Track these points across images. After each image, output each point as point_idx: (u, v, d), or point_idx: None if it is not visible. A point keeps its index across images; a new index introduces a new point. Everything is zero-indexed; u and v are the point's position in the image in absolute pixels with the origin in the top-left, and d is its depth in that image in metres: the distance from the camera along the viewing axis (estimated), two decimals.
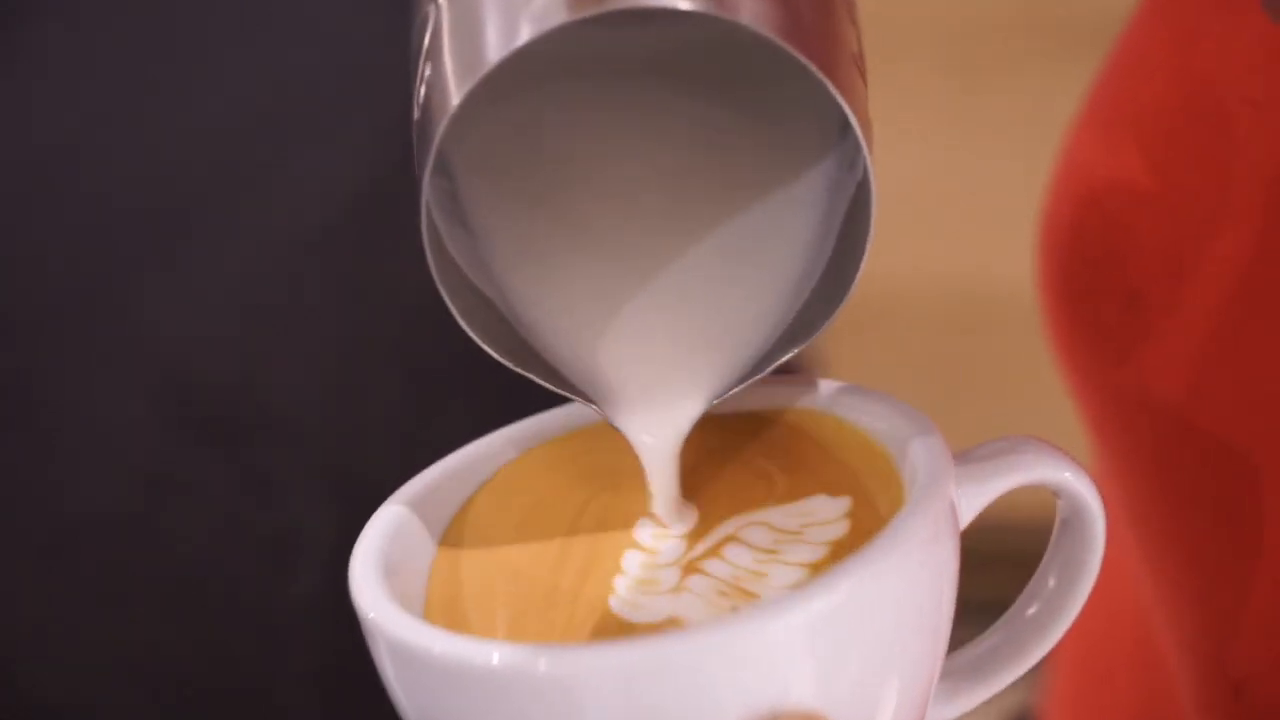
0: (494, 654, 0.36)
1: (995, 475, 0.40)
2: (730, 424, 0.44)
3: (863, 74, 0.38)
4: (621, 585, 0.40)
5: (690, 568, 0.40)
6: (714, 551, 0.41)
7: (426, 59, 0.38)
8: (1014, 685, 0.44)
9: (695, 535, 0.41)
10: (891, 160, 1.60)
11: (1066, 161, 0.56)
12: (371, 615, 0.38)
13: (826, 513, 0.40)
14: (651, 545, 0.41)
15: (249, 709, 0.72)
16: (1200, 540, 0.50)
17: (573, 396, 0.42)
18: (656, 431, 0.41)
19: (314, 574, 0.74)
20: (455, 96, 0.36)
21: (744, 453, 0.43)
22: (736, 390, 0.42)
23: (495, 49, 0.36)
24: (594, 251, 0.42)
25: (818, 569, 0.39)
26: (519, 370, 0.41)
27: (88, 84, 0.83)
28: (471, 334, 0.40)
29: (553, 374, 0.42)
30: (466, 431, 0.47)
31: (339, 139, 0.85)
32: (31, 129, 0.85)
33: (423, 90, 0.38)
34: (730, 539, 0.41)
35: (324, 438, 0.74)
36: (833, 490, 0.41)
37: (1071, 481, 0.40)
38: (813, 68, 0.35)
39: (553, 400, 0.44)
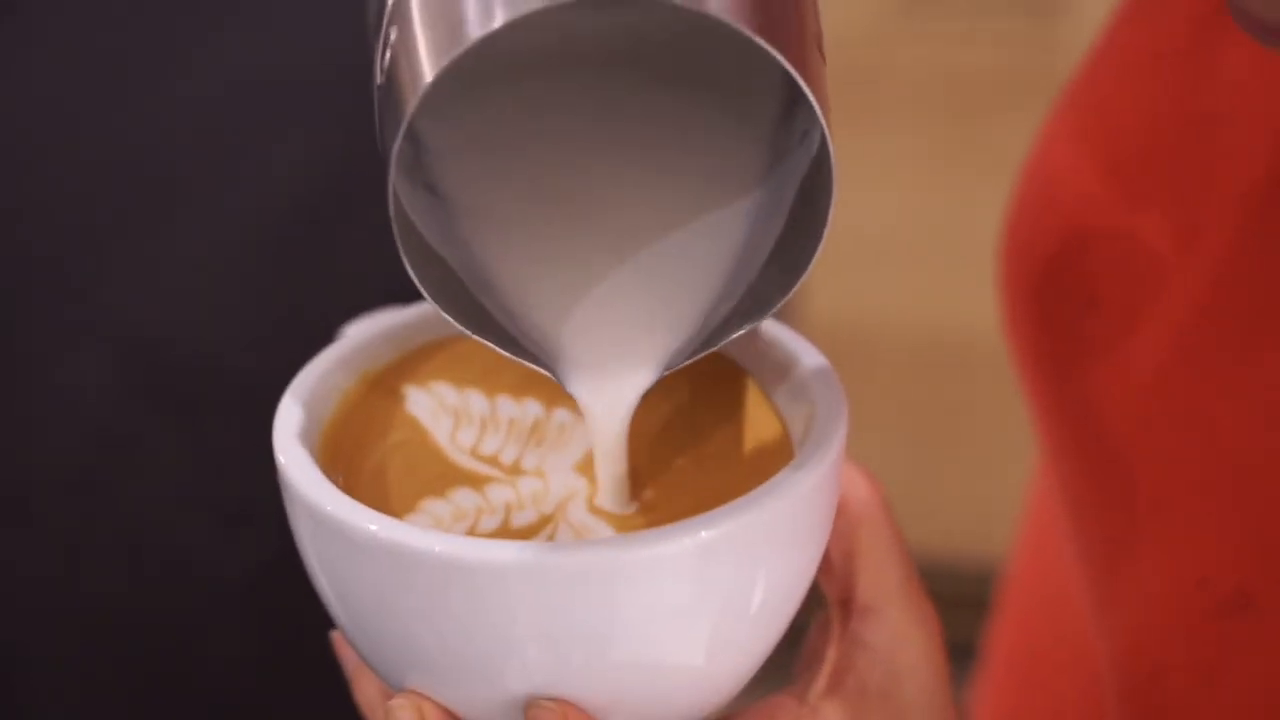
0: (434, 543, 0.38)
1: None
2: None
3: (821, 52, 0.38)
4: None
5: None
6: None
7: (391, 21, 0.38)
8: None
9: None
10: (877, 204, 1.61)
11: (1034, 163, 0.57)
12: (301, 489, 0.41)
13: None
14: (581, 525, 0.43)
15: (192, 670, 0.73)
16: (1131, 537, 0.50)
17: (526, 363, 0.42)
18: (607, 398, 0.42)
19: (264, 546, 0.74)
20: (428, 74, 0.36)
21: (683, 440, 0.45)
22: (687, 362, 0.43)
23: (473, 26, 0.35)
24: (558, 220, 0.43)
25: None
26: (473, 335, 0.41)
27: (66, 58, 0.84)
28: (429, 298, 0.40)
29: (507, 340, 0.42)
30: None
31: (311, 122, 0.85)
32: (8, 101, 0.86)
33: (387, 55, 0.38)
34: None
35: None
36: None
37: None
38: (777, 54, 0.36)
39: None
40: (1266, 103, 0.49)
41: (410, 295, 0.49)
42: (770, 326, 0.46)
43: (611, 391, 0.43)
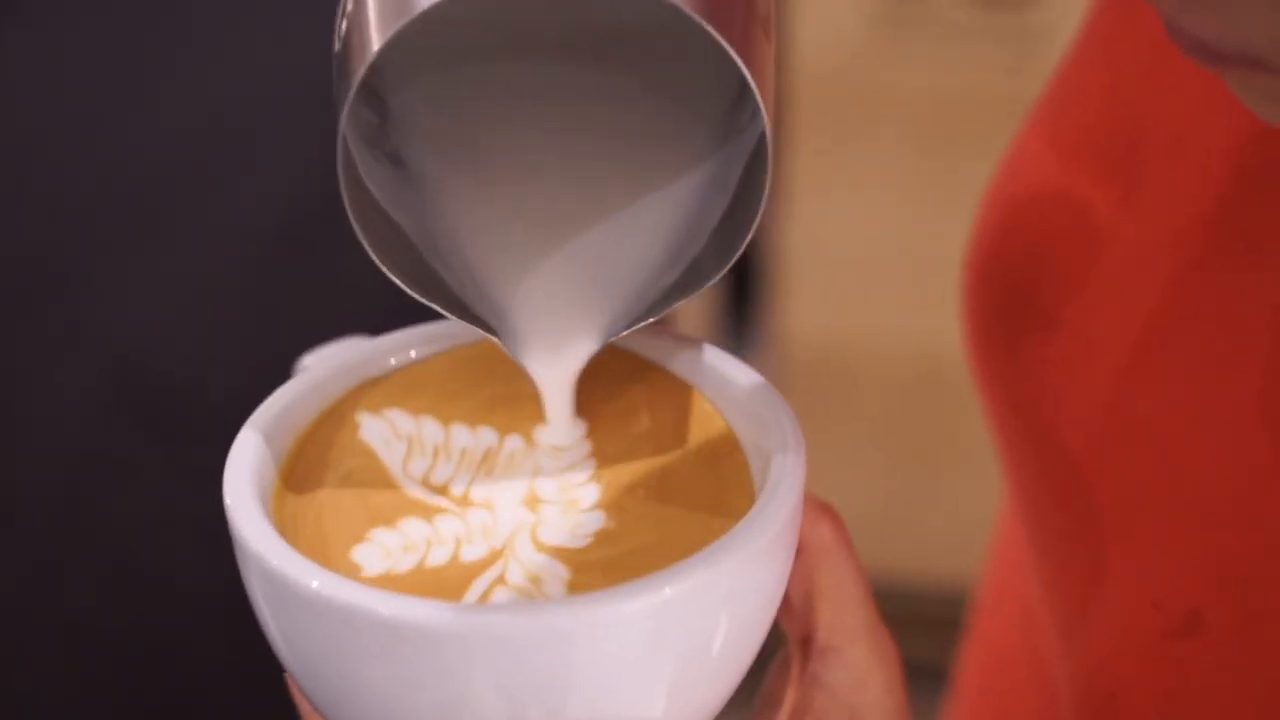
0: (387, 604, 0.38)
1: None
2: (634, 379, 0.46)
3: (768, 34, 0.39)
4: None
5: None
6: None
7: None
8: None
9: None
10: (857, 226, 1.61)
11: (996, 186, 0.57)
12: (252, 545, 0.40)
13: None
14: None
15: (172, 686, 0.72)
16: (1090, 559, 0.51)
17: (476, 328, 0.43)
18: (554, 366, 0.44)
19: None
20: (375, 43, 0.38)
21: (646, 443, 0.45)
22: (629, 331, 0.44)
23: None
24: (511, 189, 0.44)
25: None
26: (423, 299, 0.42)
27: (51, 77, 0.84)
28: (376, 259, 0.41)
29: (457, 305, 0.43)
30: None
31: (298, 141, 0.85)
32: (3, 103, 0.85)
33: (344, 25, 0.39)
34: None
35: None
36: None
37: None
38: (719, 36, 0.37)
39: None
40: (1223, 126, 0.49)
41: (393, 318, 0.50)
42: (733, 363, 0.46)
43: (556, 358, 0.44)
